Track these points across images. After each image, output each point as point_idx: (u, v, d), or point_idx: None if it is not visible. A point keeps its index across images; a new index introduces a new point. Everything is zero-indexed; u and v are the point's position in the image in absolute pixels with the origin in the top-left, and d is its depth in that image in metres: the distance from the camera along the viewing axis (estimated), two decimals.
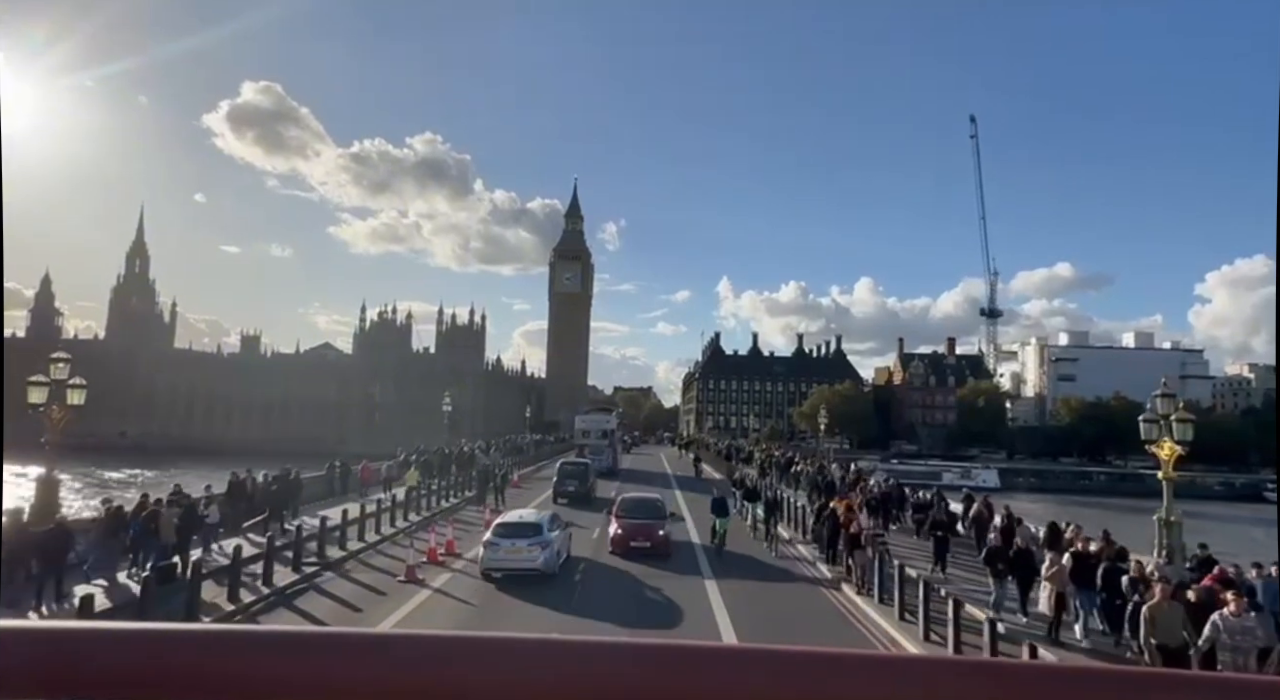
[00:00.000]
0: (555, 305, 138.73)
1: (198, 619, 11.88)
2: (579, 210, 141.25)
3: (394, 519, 22.31)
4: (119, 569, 14.17)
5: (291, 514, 21.05)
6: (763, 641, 0.62)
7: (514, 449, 47.12)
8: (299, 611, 13.42)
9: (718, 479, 38.77)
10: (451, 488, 30.94)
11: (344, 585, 15.36)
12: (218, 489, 19.96)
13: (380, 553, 18.86)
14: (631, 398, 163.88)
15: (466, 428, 64.89)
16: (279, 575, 14.96)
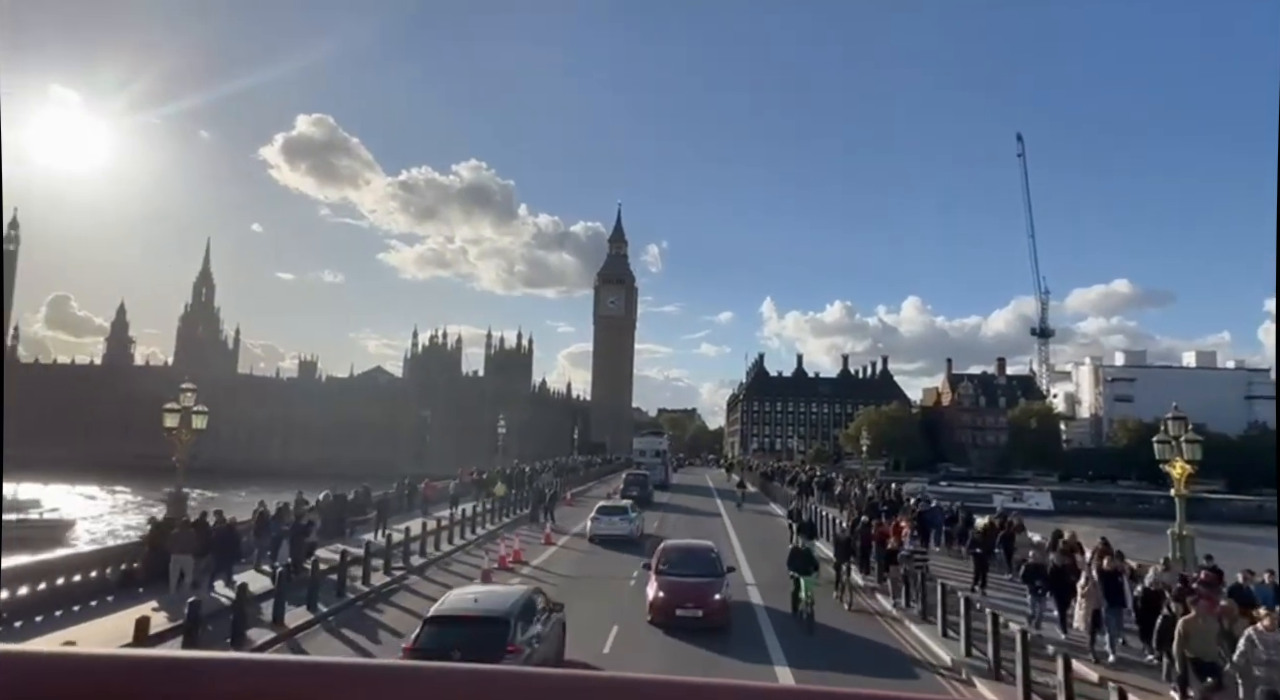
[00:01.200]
0: (600, 329, 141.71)
1: (316, 609, 14.21)
2: (623, 235, 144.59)
3: (462, 533, 24.64)
4: (264, 563, 16.80)
5: (383, 526, 23.52)
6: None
7: (565, 470, 49.40)
8: (396, 605, 15.70)
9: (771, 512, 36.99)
10: (507, 506, 33.19)
11: (428, 586, 17.62)
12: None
13: (455, 560, 21.15)
14: (676, 420, 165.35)
15: (514, 449, 67.30)
16: (374, 577, 17.33)
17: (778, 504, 38.72)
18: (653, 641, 13.32)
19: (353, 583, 16.65)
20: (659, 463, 49.89)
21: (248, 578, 14.83)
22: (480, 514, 27.92)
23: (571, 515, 32.10)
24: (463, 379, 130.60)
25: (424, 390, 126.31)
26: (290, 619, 13.42)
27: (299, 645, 12.70)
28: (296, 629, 13.29)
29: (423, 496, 32.59)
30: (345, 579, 16.00)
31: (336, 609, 14.75)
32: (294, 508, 19.18)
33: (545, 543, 23.40)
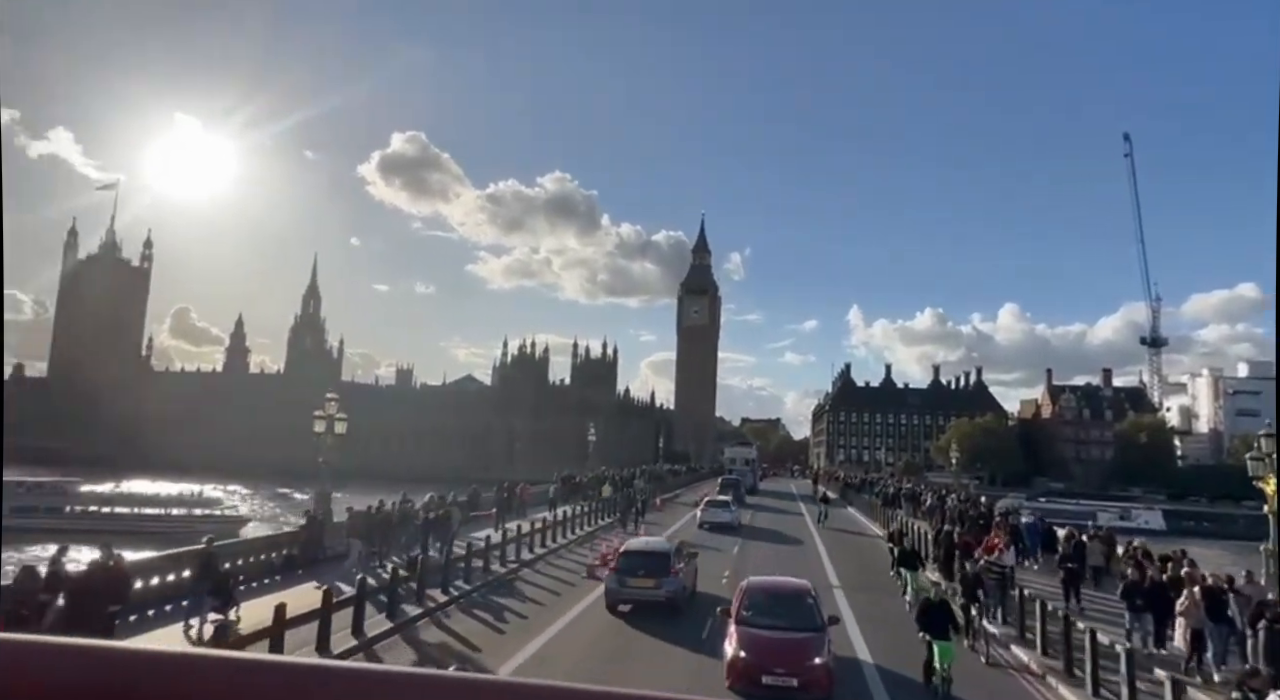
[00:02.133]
0: (683, 339, 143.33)
1: (448, 592, 16.30)
2: (706, 246, 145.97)
3: (562, 533, 26.67)
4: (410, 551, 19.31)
5: (503, 522, 25.91)
6: None
7: (655, 476, 51.25)
8: (515, 591, 17.71)
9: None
10: (600, 510, 35.10)
11: (540, 578, 19.60)
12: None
13: (559, 557, 23.12)
14: (760, 430, 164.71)
15: (600, 456, 69.61)
16: (495, 567, 19.46)
17: (869, 518, 38.56)
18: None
19: (476, 571, 18.81)
20: (748, 470, 55.43)
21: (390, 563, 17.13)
22: (574, 517, 29.89)
23: (659, 519, 33.72)
24: (550, 388, 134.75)
25: (513, 398, 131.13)
26: (427, 600, 15.57)
27: (441, 621, 14.81)
28: (436, 608, 15.44)
29: (519, 500, 34.95)
30: (471, 567, 18.17)
31: (466, 592, 16.89)
32: (435, 503, 21.64)
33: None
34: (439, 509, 20.79)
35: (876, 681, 12.08)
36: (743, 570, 18.97)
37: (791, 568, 21.00)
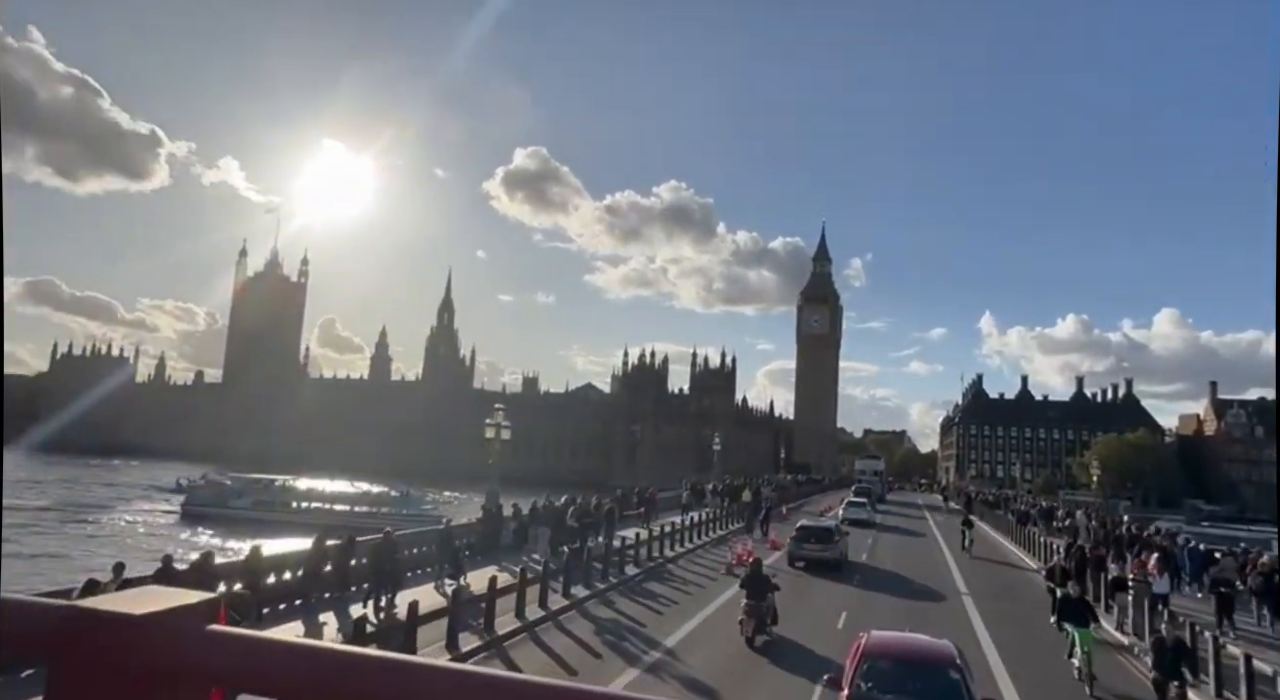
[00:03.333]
0: (803, 348, 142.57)
1: (593, 586, 18.84)
2: (826, 253, 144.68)
3: (693, 536, 28.93)
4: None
5: (650, 521, 28.69)
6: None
7: (780, 486, 52.72)
8: (657, 586, 20.14)
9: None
10: (726, 517, 37.04)
11: (683, 573, 21.95)
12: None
13: (696, 557, 25.40)
14: (884, 441, 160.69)
15: (716, 466, 71.45)
16: (629, 567, 22.01)
17: (1011, 540, 35.41)
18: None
19: (630, 563, 21.39)
20: (877, 480, 61.79)
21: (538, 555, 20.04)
22: (703, 522, 32.03)
23: (787, 529, 35.26)
24: (669, 397, 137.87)
25: (633, 407, 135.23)
26: (578, 591, 18.17)
27: (608, 601, 17.44)
28: (603, 590, 18.10)
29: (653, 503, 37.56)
30: (624, 559, 20.80)
31: (624, 580, 19.54)
32: (594, 503, 24.60)
33: (771, 547, 26.99)
34: (605, 507, 23.60)
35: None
36: (877, 552, 27.70)
37: (920, 572, 22.56)
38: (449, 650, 12.34)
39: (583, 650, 13.42)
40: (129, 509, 51.57)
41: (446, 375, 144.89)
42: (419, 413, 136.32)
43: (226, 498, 42.22)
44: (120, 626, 0.73)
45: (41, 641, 0.75)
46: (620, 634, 14.63)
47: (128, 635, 0.73)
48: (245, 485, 43.49)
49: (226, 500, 41.84)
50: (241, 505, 40.68)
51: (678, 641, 14.27)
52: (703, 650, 13.76)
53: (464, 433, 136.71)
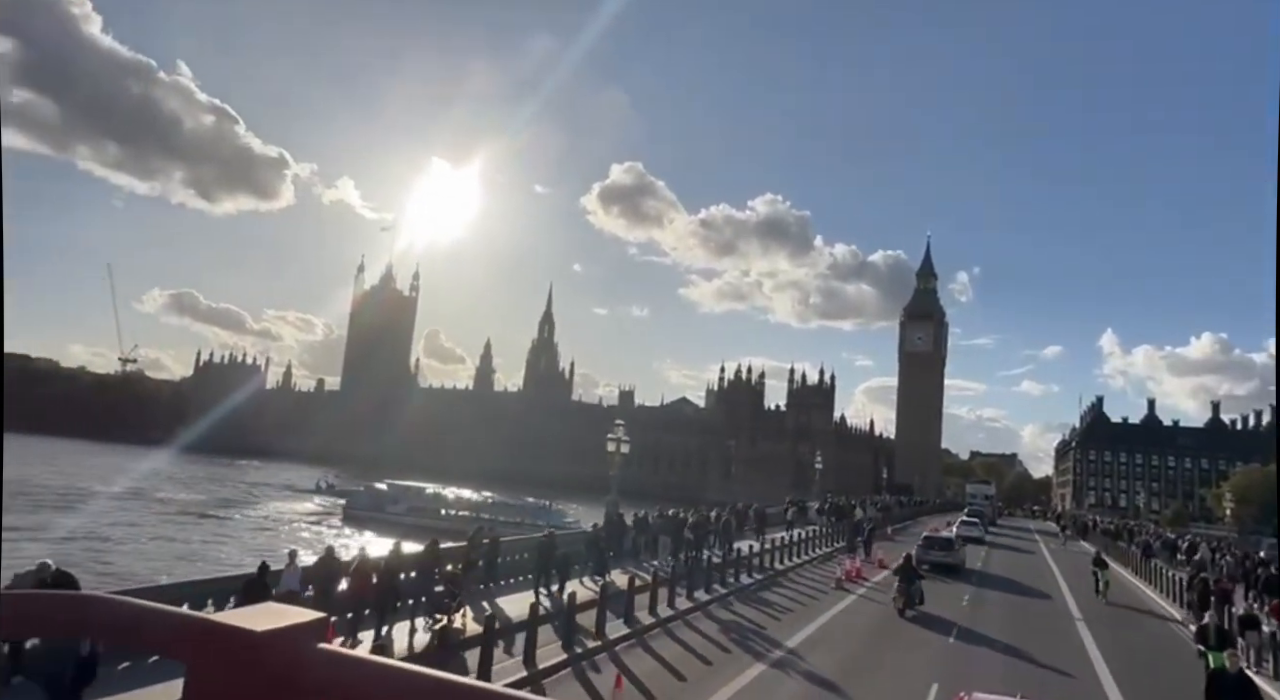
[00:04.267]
0: (905, 366, 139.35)
1: (713, 592, 20.35)
2: (931, 268, 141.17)
3: (798, 552, 29.96)
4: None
5: (762, 534, 30.12)
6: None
7: (884, 507, 52.73)
8: (770, 596, 21.50)
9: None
10: (830, 535, 37.69)
11: (794, 585, 23.19)
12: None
13: (803, 571, 26.53)
14: (992, 465, 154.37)
15: (817, 484, 71.22)
16: (754, 574, 23.42)
17: (1141, 579, 32.08)
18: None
19: (743, 572, 22.84)
20: (987, 504, 63.67)
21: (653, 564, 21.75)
22: (806, 539, 32.90)
23: (891, 549, 35.62)
24: (765, 413, 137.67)
25: (729, 422, 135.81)
26: (700, 595, 19.72)
27: (727, 606, 18.99)
28: (723, 595, 19.68)
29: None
30: (738, 571, 22.29)
31: (740, 587, 21.03)
32: (712, 515, 26.30)
33: (878, 566, 27.77)
34: (722, 519, 25.22)
35: None
36: (989, 562, 32.09)
37: (1027, 577, 23.98)
38: (597, 636, 14.25)
39: (712, 645, 15.04)
40: (290, 508, 57.20)
41: (546, 387, 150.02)
42: (519, 423, 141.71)
43: (383, 503, 45.61)
44: (243, 640, 0.80)
45: (180, 647, 0.84)
46: (743, 634, 16.17)
47: (249, 649, 0.80)
48: (400, 492, 46.97)
49: (383, 505, 45.15)
50: (397, 510, 43.98)
51: (798, 643, 15.67)
52: (823, 652, 15.11)
53: (563, 444, 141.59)
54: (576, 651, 13.35)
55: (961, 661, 15.58)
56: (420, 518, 41.37)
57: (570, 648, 13.39)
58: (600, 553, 17.39)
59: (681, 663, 13.63)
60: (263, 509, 56.80)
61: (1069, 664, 15.88)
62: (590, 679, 12.34)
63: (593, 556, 17.47)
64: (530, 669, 12.18)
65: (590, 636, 14.13)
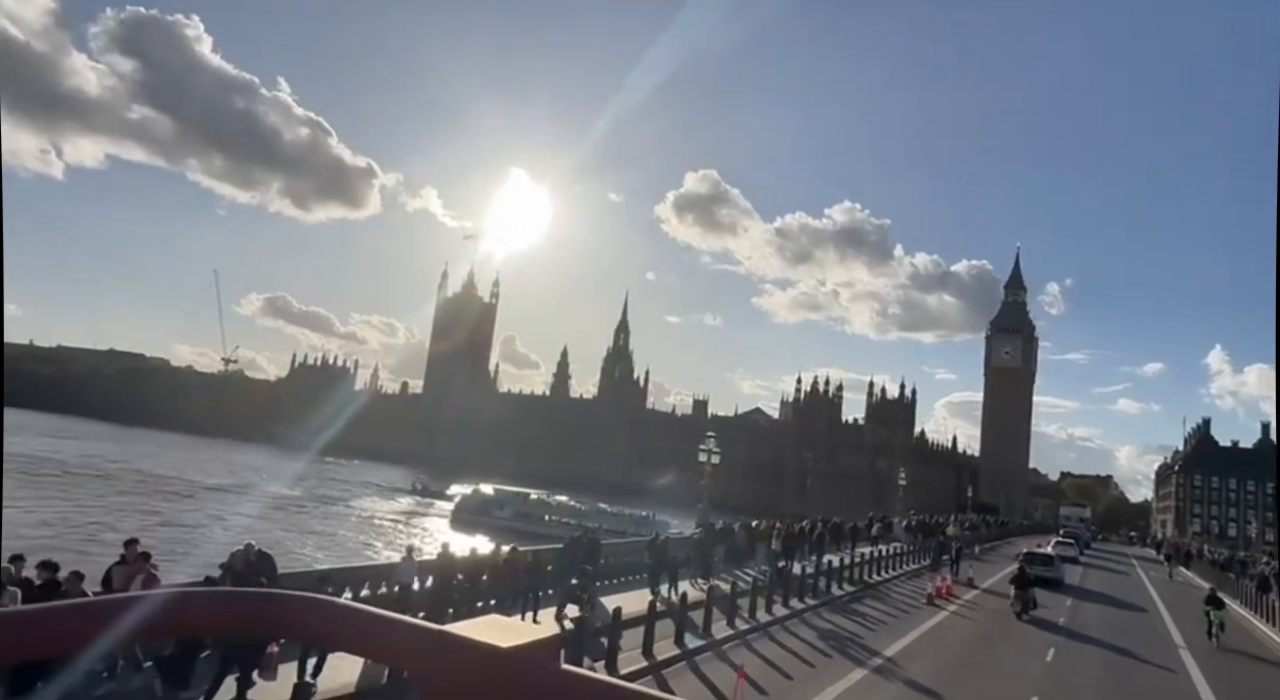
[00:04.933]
0: (991, 381, 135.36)
1: (805, 601, 21.05)
2: (1021, 281, 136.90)
3: (885, 568, 30.26)
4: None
5: (851, 547, 30.75)
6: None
7: (972, 526, 52.08)
8: (869, 605, 22.10)
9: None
10: (913, 553, 37.56)
11: (884, 600, 23.69)
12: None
13: (892, 587, 26.89)
14: (1084, 486, 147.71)
15: (901, 501, 70.23)
16: (845, 586, 24.04)
17: (1262, 619, 28.43)
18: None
19: (834, 584, 23.49)
20: (1082, 527, 63.63)
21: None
22: (892, 555, 33.02)
23: (982, 569, 35.35)
24: (843, 426, 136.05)
25: (805, 434, 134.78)
26: (795, 604, 20.43)
27: (820, 615, 19.77)
28: (816, 605, 20.47)
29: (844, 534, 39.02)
30: (829, 583, 22.97)
31: (832, 599, 21.74)
32: (805, 527, 27.10)
33: (968, 585, 27.88)
34: (816, 532, 26.00)
35: None
36: (1085, 580, 34.75)
37: (1123, 592, 26.99)
38: (705, 635, 15.35)
39: (813, 650, 15.91)
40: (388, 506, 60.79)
41: (621, 394, 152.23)
42: (594, 430, 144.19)
43: (490, 508, 47.72)
44: (486, 655, 0.78)
45: (418, 660, 0.83)
46: (840, 641, 16.97)
47: (491, 665, 0.78)
48: (507, 498, 49.16)
49: (490, 510, 47.20)
50: (503, 515, 45.97)
51: (895, 653, 16.36)
52: (920, 662, 15.77)
53: (638, 452, 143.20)
54: (688, 647, 14.48)
55: (1060, 679, 15.97)
56: (526, 523, 43.00)
57: (682, 643, 14.53)
58: (705, 557, 18.51)
59: (785, 664, 14.57)
60: (365, 505, 60.42)
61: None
62: (704, 672, 13.44)
63: (698, 561, 18.61)
64: (649, 660, 13.39)
65: (698, 635, 15.24)
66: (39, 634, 0.75)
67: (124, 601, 0.78)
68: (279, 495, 59.89)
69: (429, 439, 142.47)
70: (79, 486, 49.09)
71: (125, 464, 65.42)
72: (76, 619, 0.77)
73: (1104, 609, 27.29)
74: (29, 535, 27.83)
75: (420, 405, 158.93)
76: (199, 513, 44.89)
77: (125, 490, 50.77)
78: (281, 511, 50.54)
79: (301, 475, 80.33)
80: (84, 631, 0.75)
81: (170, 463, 71.42)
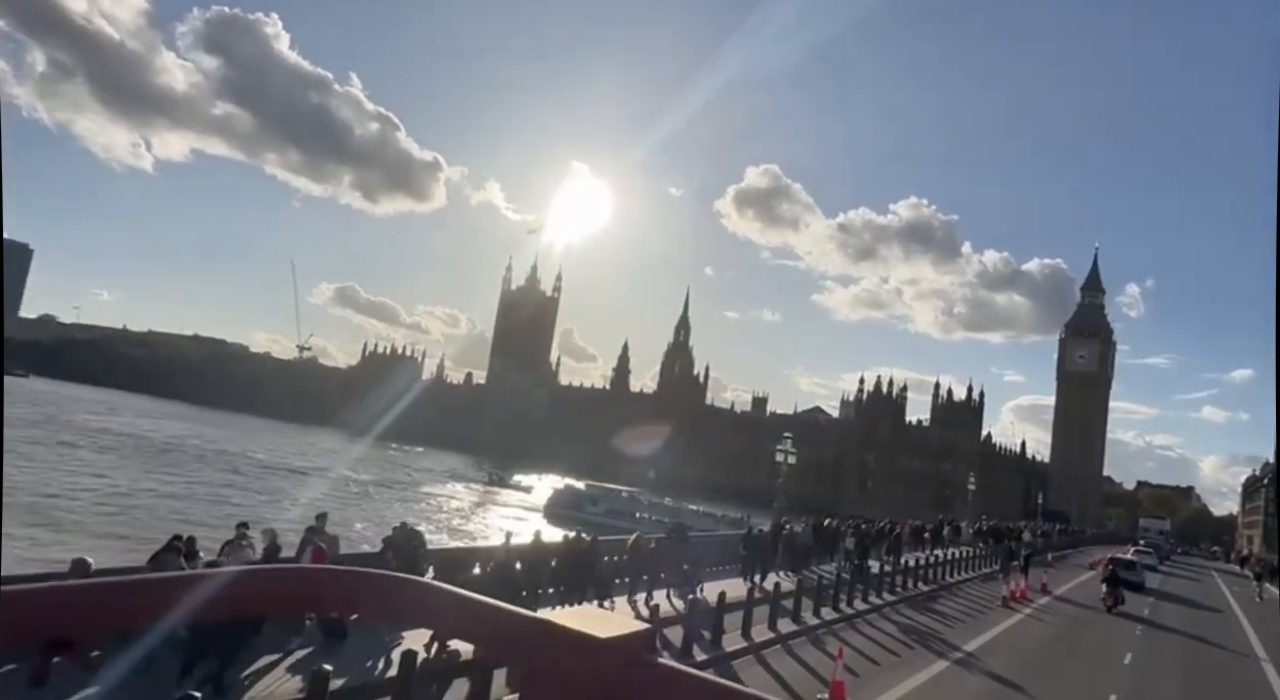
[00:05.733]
0: (1065, 385, 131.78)
1: (883, 597, 22.01)
2: (1099, 282, 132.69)
3: (958, 571, 30.86)
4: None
5: (925, 549, 31.56)
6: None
7: (1045, 534, 51.95)
8: (945, 604, 22.95)
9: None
10: (983, 557, 37.84)
11: (959, 601, 24.46)
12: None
13: (964, 589, 27.57)
14: (1163, 496, 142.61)
15: (971, 506, 69.68)
16: (920, 585, 24.90)
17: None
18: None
19: (910, 583, 24.36)
20: (1162, 539, 65.40)
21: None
22: (962, 559, 33.46)
23: (1053, 577, 35.51)
24: (907, 427, 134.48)
25: (867, 435, 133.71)
26: (874, 599, 21.43)
27: (898, 611, 20.77)
28: (894, 602, 21.48)
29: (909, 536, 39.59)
30: (905, 581, 23.90)
31: (908, 596, 22.70)
32: (882, 527, 28.10)
33: (1041, 591, 28.33)
34: (894, 532, 27.00)
35: None
36: (1165, 586, 37.47)
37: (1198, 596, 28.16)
38: (795, 621, 16.60)
39: (896, 642, 17.00)
40: (454, 490, 63.70)
41: (681, 391, 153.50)
42: (651, 425, 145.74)
43: (583, 503, 49.29)
44: (586, 645, 0.79)
45: (519, 648, 0.84)
46: (921, 635, 18.00)
47: (591, 655, 0.79)
48: (600, 494, 50.92)
49: (583, 505, 48.26)
50: (596, 511, 47.43)
51: (975, 648, 17.32)
52: (1000, 657, 16.71)
53: (698, 449, 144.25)
54: (782, 632, 15.78)
55: (1138, 678, 16.70)
56: (618, 519, 44.38)
57: (776, 628, 15.83)
58: (795, 552, 19.78)
59: (871, 651, 15.72)
60: (443, 492, 63.37)
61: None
62: (799, 655, 14.72)
63: (787, 554, 19.87)
64: (747, 641, 14.73)
65: (793, 621, 16.51)
66: (123, 604, 0.75)
67: (232, 573, 0.79)
68: (366, 480, 62.97)
69: (490, 429, 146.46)
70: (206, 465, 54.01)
71: (234, 446, 70.08)
72: (165, 590, 0.77)
73: (1179, 608, 31.27)
74: (191, 512, 31.52)
75: (483, 395, 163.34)
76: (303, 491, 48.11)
77: (240, 470, 55.26)
78: (366, 495, 53.59)
79: (376, 460, 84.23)
80: (169, 602, 0.76)
81: (266, 445, 76.20)
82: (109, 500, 35.24)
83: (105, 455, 51.80)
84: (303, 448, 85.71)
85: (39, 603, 0.71)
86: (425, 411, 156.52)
